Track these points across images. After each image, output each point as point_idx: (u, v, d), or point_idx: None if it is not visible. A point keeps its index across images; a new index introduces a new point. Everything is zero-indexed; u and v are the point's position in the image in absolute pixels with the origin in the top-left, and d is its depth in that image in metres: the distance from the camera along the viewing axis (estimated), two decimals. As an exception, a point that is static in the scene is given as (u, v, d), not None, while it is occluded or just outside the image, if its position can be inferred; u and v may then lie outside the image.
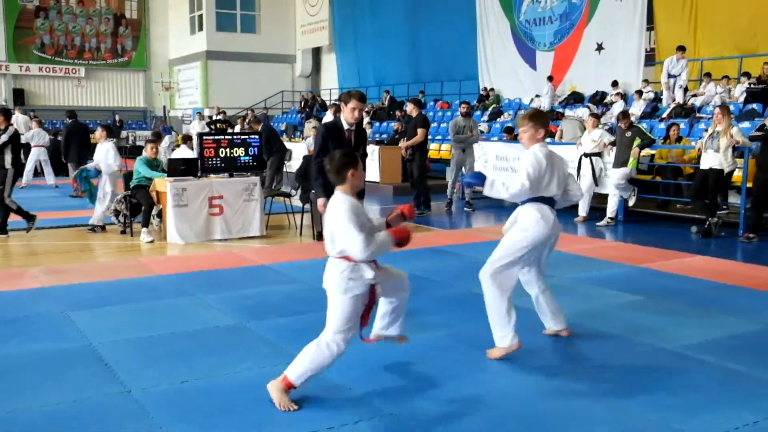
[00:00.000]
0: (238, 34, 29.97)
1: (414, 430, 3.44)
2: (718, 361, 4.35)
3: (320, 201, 5.55)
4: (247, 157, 9.15)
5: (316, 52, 31.00)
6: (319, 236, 8.79)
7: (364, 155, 6.06)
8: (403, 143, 11.73)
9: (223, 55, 29.15)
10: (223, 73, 29.19)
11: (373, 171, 13.68)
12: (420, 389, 3.95)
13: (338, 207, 3.69)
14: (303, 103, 26.90)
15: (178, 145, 15.48)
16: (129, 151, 21.58)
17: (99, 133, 9.98)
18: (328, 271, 3.83)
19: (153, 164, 9.21)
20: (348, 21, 27.48)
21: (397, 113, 21.00)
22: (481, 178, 4.37)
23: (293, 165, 16.42)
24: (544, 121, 4.62)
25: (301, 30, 30.49)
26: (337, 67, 28.75)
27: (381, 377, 4.14)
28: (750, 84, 13.94)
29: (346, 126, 5.68)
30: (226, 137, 9.17)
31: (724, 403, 3.71)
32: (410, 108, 11.79)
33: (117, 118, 28.38)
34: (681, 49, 14.85)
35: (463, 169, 11.64)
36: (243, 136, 9.27)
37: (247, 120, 20.98)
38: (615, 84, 16.69)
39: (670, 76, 14.97)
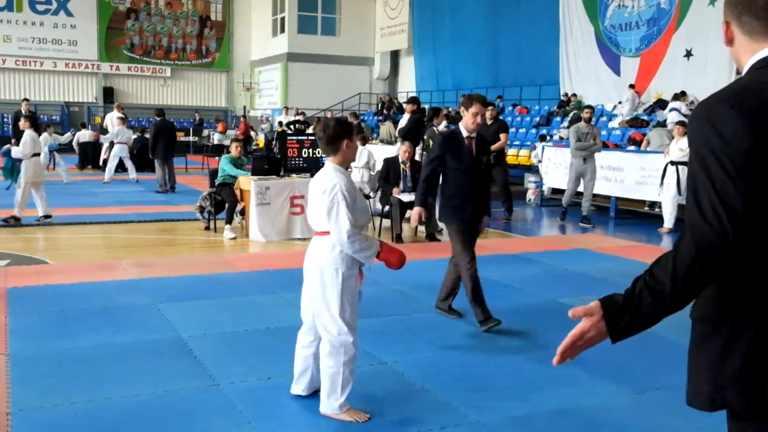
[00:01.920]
0: (319, 36, 30.36)
1: (501, 440, 3.39)
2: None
3: (416, 210, 5.30)
4: (328, 158, 9.24)
5: (395, 55, 31.12)
6: (398, 238, 8.81)
7: (489, 164, 5.52)
8: None
9: (303, 57, 29.59)
10: (302, 74, 29.63)
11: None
12: (503, 399, 3.88)
13: (330, 182, 3.41)
14: (380, 105, 27.04)
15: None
16: (211, 150, 22.18)
17: (22, 122, 9.84)
18: (315, 250, 3.53)
19: (238, 163, 9.41)
20: (427, 24, 27.47)
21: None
22: None
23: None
24: None
25: (380, 33, 30.67)
26: (415, 71, 28.78)
27: (463, 384, 4.09)
28: None
29: (465, 133, 5.24)
30: (310, 137, 9.29)
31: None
32: (489, 114, 11.32)
33: (197, 116, 29.17)
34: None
35: (582, 179, 10.88)
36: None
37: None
38: (683, 95, 16.27)
39: None
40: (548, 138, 16.34)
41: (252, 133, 25.44)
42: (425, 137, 10.04)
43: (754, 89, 1.60)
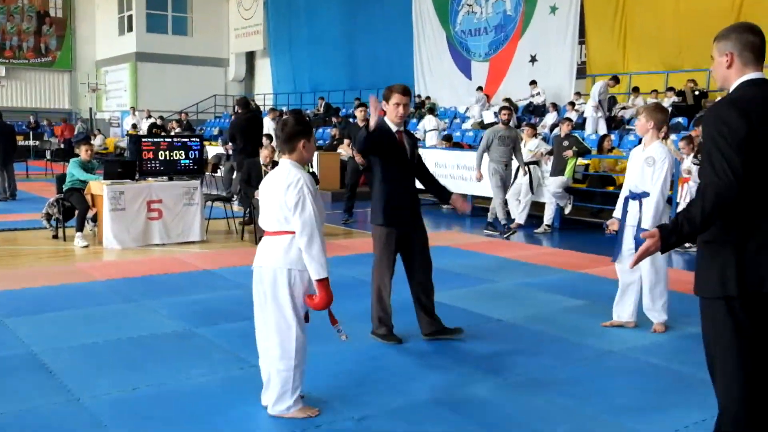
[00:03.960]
0: (170, 36, 29.36)
1: (378, 434, 3.43)
2: (663, 363, 4.51)
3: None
4: (187, 161, 8.97)
5: (250, 57, 30.67)
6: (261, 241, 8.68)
7: (420, 161, 5.15)
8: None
9: (154, 57, 28.49)
10: (153, 75, 28.51)
11: (311, 177, 13.57)
12: (380, 392, 3.93)
13: (294, 176, 3.34)
14: (236, 107, 26.53)
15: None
16: (55, 154, 20.80)
17: None
18: (268, 251, 3.44)
19: (88, 167, 8.91)
20: (283, 26, 27.30)
21: (334, 119, 20.99)
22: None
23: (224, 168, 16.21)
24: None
25: (234, 33, 30.12)
26: (272, 72, 28.52)
27: (337, 381, 4.11)
28: (675, 100, 14.51)
29: (394, 128, 4.82)
30: (166, 140, 8.96)
31: (673, 403, 3.85)
32: (361, 116, 11.05)
33: (31, 119, 27.32)
34: (614, 79, 14.99)
35: (508, 188, 10.20)
36: (183, 139, 9.08)
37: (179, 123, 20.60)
38: (534, 83, 17.33)
39: (600, 102, 14.97)
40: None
41: (100, 137, 24.24)
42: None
43: (747, 98, 2.62)
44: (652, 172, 5.00)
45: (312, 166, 9.89)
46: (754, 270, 2.57)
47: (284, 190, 3.36)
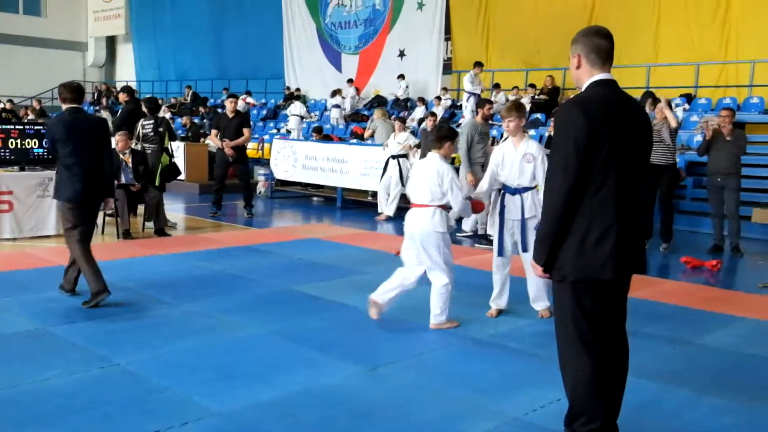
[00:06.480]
0: (21, 15, 27.43)
1: (245, 429, 3.39)
2: (522, 347, 4.74)
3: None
4: (40, 149, 8.44)
5: (111, 41, 29.23)
6: (126, 234, 8.34)
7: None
8: (227, 143, 10.36)
9: (2, 38, 26.52)
10: (2, 57, 26.56)
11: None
12: (247, 386, 3.89)
13: (445, 167, 4.88)
14: (96, 94, 25.26)
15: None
16: None
17: None
18: (419, 218, 4.97)
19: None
20: (146, 10, 26.23)
21: (201, 109, 20.45)
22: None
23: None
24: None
25: (93, 16, 28.57)
26: (135, 59, 27.33)
27: (204, 377, 4.02)
28: (534, 96, 15.25)
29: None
30: (17, 127, 8.40)
31: (532, 384, 4.06)
32: (230, 107, 10.55)
33: None
34: (478, 65, 15.51)
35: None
36: (37, 127, 8.54)
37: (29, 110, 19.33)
38: (402, 77, 17.66)
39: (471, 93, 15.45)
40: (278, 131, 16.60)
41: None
42: (161, 129, 9.41)
43: (591, 98, 2.85)
44: (534, 168, 5.29)
45: (172, 157, 9.57)
46: (593, 259, 2.81)
47: (435, 175, 4.85)
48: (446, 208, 5.01)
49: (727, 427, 3.54)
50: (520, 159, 5.33)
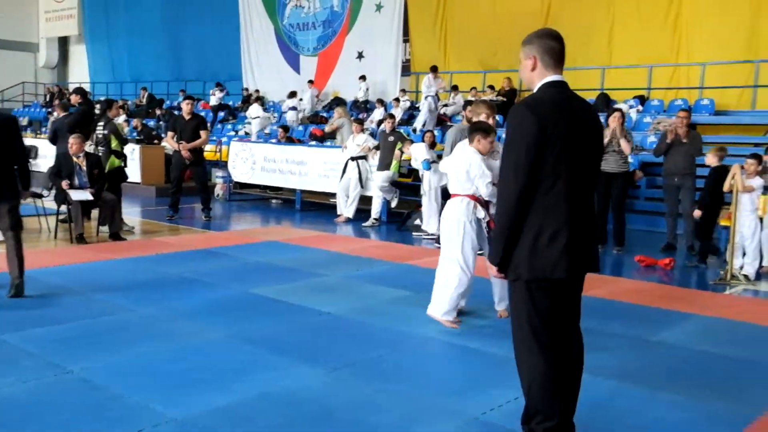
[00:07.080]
0: (-33, 15, 26.76)
1: (203, 434, 3.35)
2: (482, 347, 4.77)
3: None
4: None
5: (64, 42, 28.65)
6: (80, 239, 8.16)
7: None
8: (183, 146, 10.19)
9: (-51, 37, 25.85)
10: (-53, 58, 25.87)
11: (134, 171, 12.90)
12: (204, 391, 3.84)
13: (476, 156, 5.07)
14: (48, 96, 24.72)
15: None
16: None
17: None
18: (454, 206, 5.13)
19: None
20: (100, 11, 25.77)
21: (157, 111, 20.16)
22: None
23: (40, 163, 15.10)
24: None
25: (45, 16, 27.97)
26: (88, 60, 26.84)
27: (160, 382, 3.96)
28: (492, 98, 15.37)
29: None
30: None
31: (491, 383, 4.08)
32: (187, 109, 10.43)
33: None
34: (433, 69, 15.50)
35: None
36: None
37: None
38: (363, 78, 17.66)
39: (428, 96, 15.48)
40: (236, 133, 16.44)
41: None
42: (105, 132, 9.30)
43: (543, 99, 2.92)
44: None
45: (126, 163, 9.47)
46: (546, 259, 2.87)
47: (467, 164, 5.07)
48: (477, 199, 5.16)
49: (683, 423, 3.61)
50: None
